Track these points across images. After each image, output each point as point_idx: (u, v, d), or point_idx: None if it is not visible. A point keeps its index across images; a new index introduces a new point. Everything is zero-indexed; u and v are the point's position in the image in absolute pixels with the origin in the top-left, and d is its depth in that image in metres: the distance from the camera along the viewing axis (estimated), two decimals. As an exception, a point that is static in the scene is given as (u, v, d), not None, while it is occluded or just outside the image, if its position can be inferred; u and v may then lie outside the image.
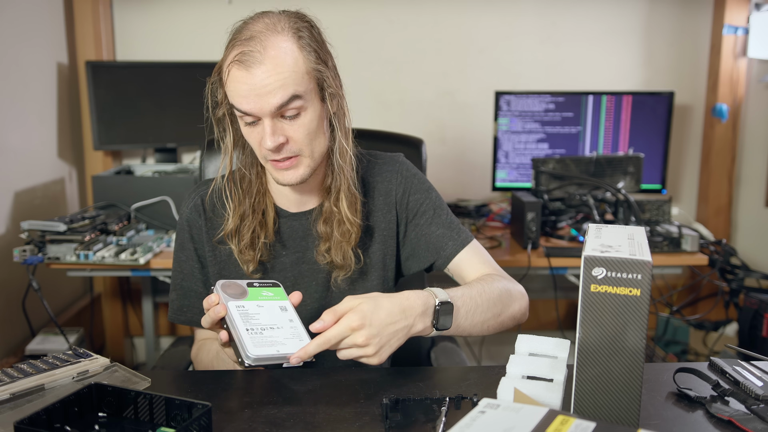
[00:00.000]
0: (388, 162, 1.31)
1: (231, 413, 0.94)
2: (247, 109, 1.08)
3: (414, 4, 2.61)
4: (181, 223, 1.26)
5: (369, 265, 1.27)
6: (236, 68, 1.06)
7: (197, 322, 1.25)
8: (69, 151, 2.50)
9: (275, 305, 1.04)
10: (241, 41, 1.07)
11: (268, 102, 1.07)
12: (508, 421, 0.71)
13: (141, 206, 2.15)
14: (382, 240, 1.27)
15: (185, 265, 1.26)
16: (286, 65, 1.07)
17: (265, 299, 1.04)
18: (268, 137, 1.09)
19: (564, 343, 0.99)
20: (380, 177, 1.29)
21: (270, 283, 1.08)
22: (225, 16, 2.59)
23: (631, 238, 0.86)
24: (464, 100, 2.68)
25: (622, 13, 2.64)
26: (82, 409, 0.89)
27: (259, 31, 1.07)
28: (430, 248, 1.28)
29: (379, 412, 0.94)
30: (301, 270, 1.25)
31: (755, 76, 2.62)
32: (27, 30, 2.22)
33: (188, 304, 1.25)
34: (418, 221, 1.29)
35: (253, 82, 1.06)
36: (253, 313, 1.01)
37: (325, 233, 1.21)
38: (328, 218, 1.21)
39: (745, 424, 0.88)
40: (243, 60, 1.06)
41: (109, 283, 2.62)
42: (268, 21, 1.10)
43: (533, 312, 2.77)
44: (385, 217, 1.28)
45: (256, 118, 1.09)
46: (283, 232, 1.24)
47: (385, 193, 1.28)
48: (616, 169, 2.29)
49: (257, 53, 1.06)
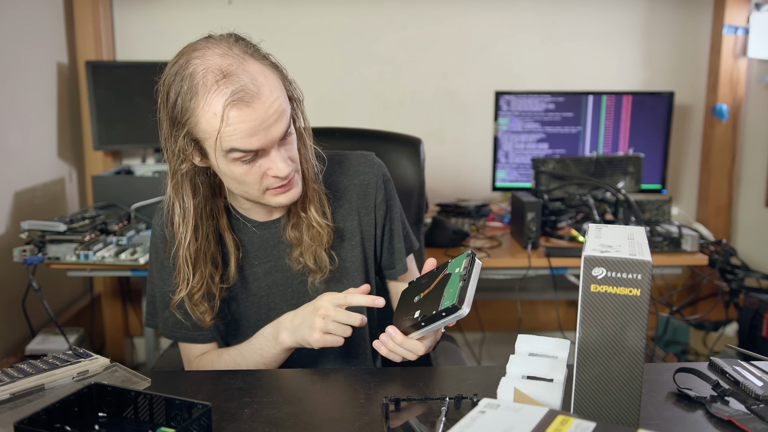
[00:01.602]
0: (362, 162, 1.28)
1: (231, 413, 0.94)
2: (255, 147, 1.02)
3: (414, 4, 2.61)
4: (155, 240, 1.23)
5: (348, 267, 1.25)
6: (236, 109, 0.99)
7: (194, 338, 1.24)
8: (69, 151, 2.50)
9: None
10: (217, 82, 0.99)
11: (276, 131, 1.03)
12: (508, 421, 0.71)
13: (141, 206, 2.15)
14: (360, 241, 1.26)
15: (168, 282, 1.20)
16: (276, 88, 1.03)
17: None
18: (281, 165, 1.05)
19: (564, 343, 0.99)
20: (356, 178, 1.26)
21: None
22: (225, 16, 2.62)
23: (631, 238, 0.86)
24: (464, 100, 2.68)
25: (622, 13, 2.64)
26: (82, 409, 0.89)
27: (227, 65, 1.00)
28: (392, 257, 1.32)
29: (379, 412, 0.94)
30: (275, 278, 1.23)
31: (755, 76, 2.62)
32: (27, 30, 2.22)
33: (181, 321, 1.21)
34: (389, 227, 1.30)
35: (259, 117, 1.00)
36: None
37: (295, 239, 1.19)
38: (296, 224, 1.19)
39: (745, 424, 0.88)
40: (241, 98, 0.99)
41: (109, 283, 2.62)
42: (220, 51, 1.01)
43: (533, 312, 2.78)
44: (366, 219, 1.27)
45: (255, 153, 1.04)
46: (254, 242, 1.22)
47: (363, 195, 1.26)
48: (616, 169, 2.29)
49: (250, 87, 0.99)
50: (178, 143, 1.04)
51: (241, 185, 1.09)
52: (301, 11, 2.54)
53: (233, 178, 1.07)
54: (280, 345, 1.14)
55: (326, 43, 2.60)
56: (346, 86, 2.63)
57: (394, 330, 1.04)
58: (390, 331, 1.04)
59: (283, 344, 1.14)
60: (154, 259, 1.24)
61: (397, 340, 1.03)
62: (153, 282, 1.26)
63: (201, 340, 1.24)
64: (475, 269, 0.99)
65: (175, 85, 1.02)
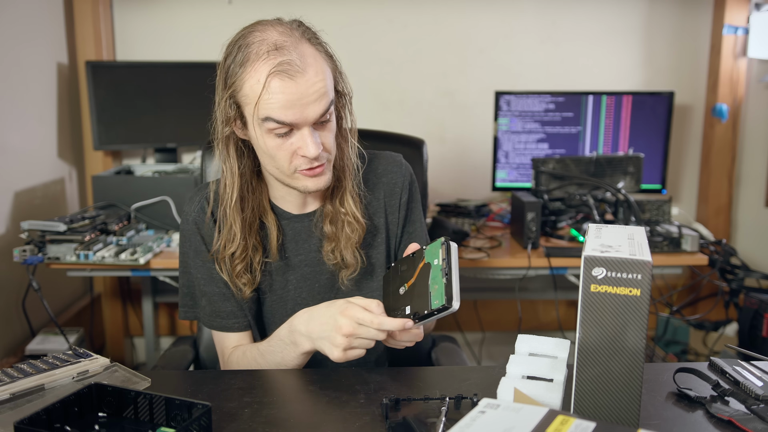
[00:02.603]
0: (391, 162, 1.30)
1: (231, 413, 0.94)
2: (290, 120, 1.05)
3: (414, 4, 2.61)
4: (188, 226, 1.23)
5: (374, 264, 1.26)
6: (279, 79, 1.03)
7: (229, 327, 1.23)
8: (69, 151, 2.50)
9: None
10: (269, 52, 1.04)
11: (313, 110, 1.06)
12: (508, 421, 0.71)
13: (141, 206, 2.15)
14: (386, 239, 1.27)
15: (203, 269, 1.22)
16: (323, 72, 1.07)
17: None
18: (311, 145, 1.07)
19: (564, 343, 0.99)
20: (385, 177, 1.28)
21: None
22: (225, 16, 2.62)
23: (631, 238, 0.86)
24: (464, 100, 2.68)
25: (622, 13, 2.64)
26: (82, 409, 0.89)
27: (282, 40, 1.05)
28: None
29: (379, 412, 0.94)
30: (304, 272, 1.24)
31: (755, 76, 2.62)
32: (27, 30, 2.22)
33: (218, 310, 1.22)
34: (409, 229, 1.31)
35: (299, 92, 1.04)
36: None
37: (331, 233, 1.20)
38: (334, 218, 1.20)
39: (745, 424, 0.88)
40: (285, 70, 1.03)
41: (109, 283, 2.62)
42: (281, 29, 1.07)
43: (533, 312, 2.78)
44: (390, 217, 1.28)
45: (291, 128, 1.07)
46: (287, 234, 1.23)
47: (390, 193, 1.28)
48: (616, 169, 2.29)
49: (296, 62, 1.04)
50: (223, 105, 1.09)
51: (272, 160, 1.11)
52: (301, 11, 2.51)
53: (266, 151, 1.10)
54: (299, 349, 1.10)
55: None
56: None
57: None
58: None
59: (302, 349, 1.10)
60: (188, 248, 1.24)
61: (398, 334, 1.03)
62: (188, 271, 1.25)
63: (236, 328, 1.23)
64: (453, 259, 0.99)
65: (233, 52, 1.08)
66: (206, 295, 1.23)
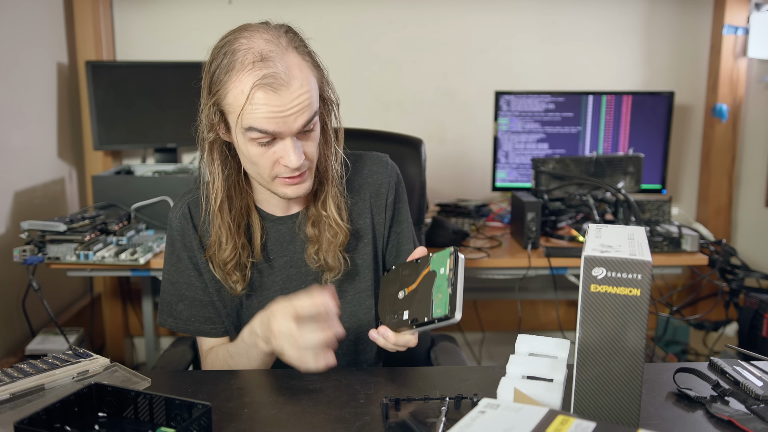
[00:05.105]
0: (376, 162, 1.30)
1: (231, 413, 0.94)
2: (272, 130, 1.05)
3: (414, 4, 2.61)
4: (171, 232, 1.24)
5: (359, 266, 1.26)
6: (262, 92, 1.03)
7: (206, 332, 1.24)
8: (69, 151, 2.50)
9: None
10: (254, 63, 1.03)
11: (296, 122, 1.06)
12: (508, 421, 0.71)
13: (141, 206, 2.15)
14: (373, 239, 1.27)
15: (184, 274, 1.23)
16: (308, 83, 1.06)
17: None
18: (293, 156, 1.07)
19: (564, 343, 0.99)
20: (370, 178, 1.28)
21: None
22: (225, 16, 2.62)
23: (631, 238, 0.86)
24: (464, 100, 2.68)
25: (622, 13, 2.64)
26: (82, 409, 0.89)
27: (268, 50, 1.04)
28: (399, 259, 1.31)
29: (378, 412, 0.94)
30: (289, 273, 1.24)
31: (755, 76, 2.62)
32: (27, 30, 2.22)
33: (195, 314, 1.24)
34: (396, 229, 1.31)
35: (282, 104, 1.04)
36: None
37: (313, 236, 1.21)
38: (317, 221, 1.21)
39: (745, 424, 0.88)
40: (270, 83, 1.03)
41: (109, 283, 2.62)
42: (267, 36, 1.06)
43: (533, 312, 2.78)
44: (377, 218, 1.28)
45: (273, 137, 1.07)
46: (270, 235, 1.23)
47: (376, 194, 1.28)
48: (616, 169, 2.29)
49: (281, 75, 1.03)
50: (207, 111, 1.10)
51: (254, 166, 1.12)
52: (301, 11, 2.53)
53: (248, 157, 1.10)
54: (260, 350, 1.09)
55: (326, 43, 2.57)
56: (346, 86, 2.63)
57: (385, 329, 1.03)
58: (382, 331, 1.04)
59: (262, 349, 1.09)
60: (170, 252, 1.25)
61: (391, 340, 1.03)
62: (166, 276, 1.26)
63: (213, 334, 1.25)
64: (460, 270, 0.98)
65: (218, 57, 1.08)
66: (183, 300, 1.24)
